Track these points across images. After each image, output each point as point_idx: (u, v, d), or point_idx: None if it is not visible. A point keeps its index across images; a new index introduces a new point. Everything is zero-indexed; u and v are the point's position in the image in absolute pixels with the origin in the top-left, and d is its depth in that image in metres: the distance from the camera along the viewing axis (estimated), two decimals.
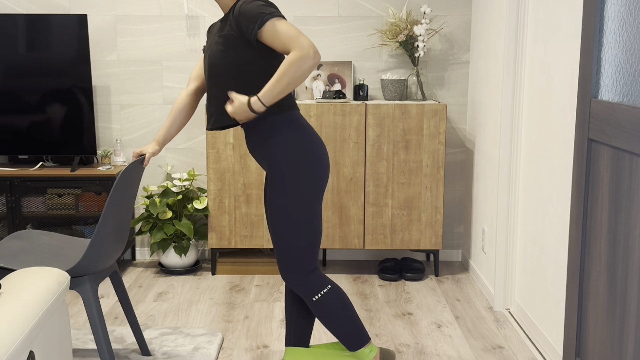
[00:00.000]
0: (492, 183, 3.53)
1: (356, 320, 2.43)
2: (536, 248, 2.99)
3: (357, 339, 2.44)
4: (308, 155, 2.31)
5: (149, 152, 2.51)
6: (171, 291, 3.66)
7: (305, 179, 2.31)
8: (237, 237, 3.86)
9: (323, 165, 2.35)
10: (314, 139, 2.35)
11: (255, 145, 2.34)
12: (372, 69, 4.07)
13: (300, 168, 2.30)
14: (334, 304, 2.39)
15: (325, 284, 2.39)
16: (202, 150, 4.16)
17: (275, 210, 2.32)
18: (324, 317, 2.41)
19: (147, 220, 3.89)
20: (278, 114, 2.30)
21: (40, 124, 3.88)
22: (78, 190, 3.86)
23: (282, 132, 2.29)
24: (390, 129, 3.76)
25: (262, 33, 2.18)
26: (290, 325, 2.59)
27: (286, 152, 2.29)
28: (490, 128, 3.56)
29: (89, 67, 3.83)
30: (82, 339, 2.96)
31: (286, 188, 2.30)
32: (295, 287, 2.39)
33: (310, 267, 2.38)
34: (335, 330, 2.42)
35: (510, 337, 3.07)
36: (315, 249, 2.38)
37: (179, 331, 3.06)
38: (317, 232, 2.36)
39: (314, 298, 2.38)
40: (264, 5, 2.19)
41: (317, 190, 2.34)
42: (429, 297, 3.59)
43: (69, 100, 3.86)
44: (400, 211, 3.83)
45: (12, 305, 1.68)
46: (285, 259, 2.35)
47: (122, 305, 2.70)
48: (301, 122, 2.35)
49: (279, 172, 2.30)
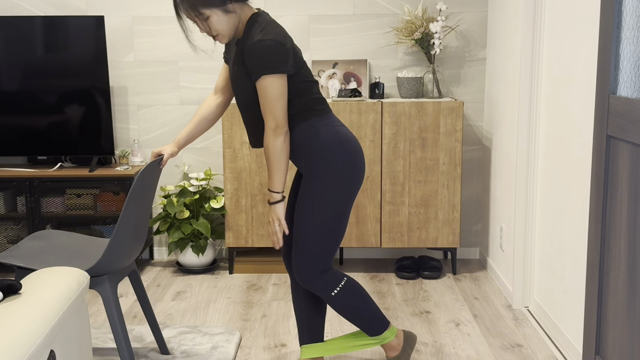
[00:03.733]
0: (510, 180, 3.51)
1: (374, 306, 2.47)
2: (555, 245, 2.97)
3: (379, 324, 2.47)
4: (347, 160, 2.34)
5: (167, 153, 2.53)
6: (189, 290, 3.68)
7: (342, 182, 2.34)
8: (254, 236, 3.87)
9: (359, 169, 2.37)
10: (353, 142, 2.37)
11: (295, 147, 2.36)
12: (388, 67, 4.06)
13: (339, 172, 2.33)
14: (352, 295, 2.42)
15: (341, 278, 2.41)
16: (218, 149, 4.17)
17: (307, 212, 2.34)
18: (345, 310, 2.43)
19: (165, 220, 3.92)
20: (313, 117, 2.33)
21: (59, 125, 3.92)
22: (96, 191, 3.89)
23: (322, 135, 2.33)
24: (406, 127, 3.75)
25: (256, 85, 2.26)
26: (302, 323, 2.60)
27: (327, 155, 2.32)
28: (508, 125, 3.54)
29: (107, 68, 3.86)
30: (101, 337, 2.99)
31: (323, 190, 2.33)
32: (313, 287, 2.40)
33: (327, 266, 2.39)
34: (357, 320, 2.45)
35: (529, 335, 3.05)
36: (335, 250, 2.40)
37: (197, 330, 3.07)
38: (342, 235, 2.39)
39: (332, 293, 2.39)
40: (267, 53, 2.20)
41: (351, 194, 2.37)
42: (447, 296, 3.57)
43: (87, 101, 3.90)
44: (417, 209, 3.82)
45: (32, 305, 1.70)
46: (305, 260, 2.36)
47: (141, 304, 2.72)
48: (339, 124, 2.39)
49: (317, 174, 2.32)
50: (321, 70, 4.01)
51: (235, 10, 2.25)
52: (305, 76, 2.35)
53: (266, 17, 2.29)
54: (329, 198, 2.33)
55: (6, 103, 3.90)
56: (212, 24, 2.24)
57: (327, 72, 4.01)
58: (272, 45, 2.20)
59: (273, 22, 2.29)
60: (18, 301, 1.71)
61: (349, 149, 2.35)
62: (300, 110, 2.33)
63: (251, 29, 2.27)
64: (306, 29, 4.04)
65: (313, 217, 2.34)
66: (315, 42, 4.05)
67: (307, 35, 4.04)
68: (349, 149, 2.35)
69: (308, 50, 4.06)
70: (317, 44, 4.06)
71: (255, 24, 2.27)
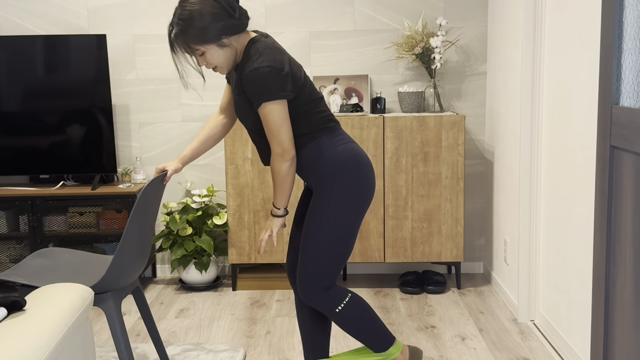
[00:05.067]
0: (513, 193, 3.50)
1: (379, 322, 2.44)
2: (559, 258, 2.96)
3: (384, 340, 2.45)
4: (357, 177, 2.34)
5: (171, 169, 2.52)
6: (192, 307, 3.66)
7: (351, 200, 2.33)
8: (257, 253, 3.86)
9: (369, 187, 2.37)
10: (363, 159, 2.37)
11: (303, 165, 2.36)
12: (389, 82, 4.07)
13: (348, 190, 2.32)
14: (357, 311, 2.40)
15: (345, 294, 2.39)
16: (220, 166, 4.17)
17: (315, 228, 2.33)
18: (349, 326, 2.40)
19: (168, 237, 3.91)
20: (322, 136, 2.34)
21: (61, 144, 3.92)
22: (99, 209, 3.88)
23: (331, 153, 2.32)
24: (408, 141, 3.75)
25: (258, 112, 2.27)
26: (307, 339, 2.58)
27: (336, 173, 2.32)
28: (510, 138, 3.54)
29: (109, 86, 3.87)
30: (104, 356, 2.97)
31: (332, 208, 2.32)
32: (317, 304, 2.38)
33: (332, 283, 2.38)
34: (362, 336, 2.42)
35: (535, 349, 3.03)
36: (341, 268, 2.39)
37: (201, 347, 3.05)
38: (349, 253, 2.38)
39: (336, 310, 2.38)
40: (265, 81, 2.20)
41: (361, 211, 2.36)
42: (452, 310, 3.55)
43: (89, 120, 3.90)
44: (420, 224, 3.81)
45: (37, 322, 1.69)
46: (310, 277, 2.35)
47: (145, 321, 2.70)
48: (348, 140, 2.39)
49: (327, 192, 2.32)
50: (322, 86, 4.03)
51: (230, 44, 2.24)
52: (309, 96, 2.34)
53: (263, 43, 2.27)
54: (338, 216, 2.32)
55: (8, 122, 3.91)
56: (208, 59, 2.26)
57: (328, 87, 4.02)
58: (268, 72, 2.20)
59: (271, 46, 2.27)
60: (22, 318, 1.70)
61: (359, 166, 2.34)
62: (308, 130, 2.33)
63: (248, 55, 2.26)
64: (307, 45, 4.06)
65: (321, 234, 2.33)
66: (316, 58, 4.07)
67: (308, 51, 4.06)
68: (359, 166, 2.34)
69: (309, 66, 4.08)
70: (318, 60, 4.07)
71: (251, 50, 2.26)
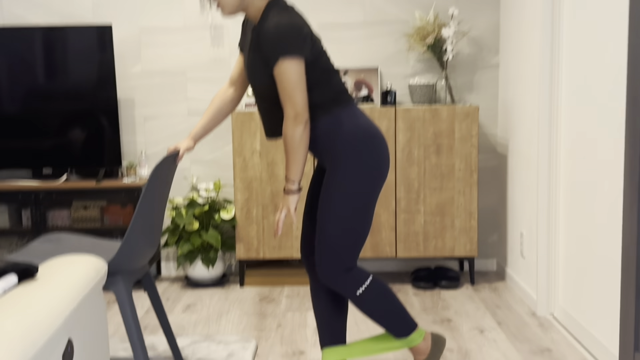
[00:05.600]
0: (531, 184, 3.42)
1: (401, 307, 2.33)
2: (582, 247, 2.87)
3: (406, 326, 2.33)
4: (373, 152, 2.25)
5: (184, 147, 2.44)
6: (199, 303, 3.55)
7: (367, 176, 2.24)
8: (265, 248, 3.76)
9: (385, 162, 2.28)
10: (378, 134, 2.28)
11: (317, 140, 2.27)
12: (399, 75, 4.01)
13: (364, 165, 2.23)
14: (379, 294, 2.29)
15: (367, 276, 2.29)
16: (227, 161, 4.08)
17: (331, 207, 2.23)
18: (370, 310, 2.30)
19: (174, 233, 3.80)
20: (336, 108, 2.25)
21: (64, 137, 3.83)
22: (103, 202, 3.78)
23: (346, 127, 2.23)
24: (420, 133, 3.67)
25: (274, 71, 2.17)
26: (323, 325, 2.47)
27: (352, 148, 2.22)
28: (526, 129, 3.46)
29: (114, 79, 3.79)
30: (113, 347, 2.85)
31: (346, 180, 2.22)
32: (337, 286, 2.28)
33: (352, 264, 2.28)
34: (383, 321, 2.32)
35: (557, 340, 2.93)
36: (360, 247, 2.29)
37: (211, 339, 2.94)
38: (367, 230, 2.28)
39: (357, 292, 2.28)
40: (284, 35, 2.12)
41: (377, 187, 2.27)
42: (467, 305, 3.45)
43: (93, 113, 3.82)
44: (432, 217, 3.72)
45: (49, 290, 1.59)
46: (329, 257, 2.25)
47: (155, 308, 2.59)
48: (363, 114, 2.30)
49: (341, 168, 2.23)
50: None
51: None
52: (325, 65, 2.27)
53: (283, 4, 2.23)
54: (354, 192, 2.23)
55: (10, 115, 3.82)
56: None
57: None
58: (289, 28, 2.12)
59: (291, 8, 2.22)
60: (34, 286, 1.60)
61: (374, 141, 2.26)
62: (322, 100, 2.25)
63: (268, 14, 2.20)
64: None
65: (338, 212, 2.23)
66: None
67: None
68: (374, 141, 2.26)
69: None
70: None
71: (272, 10, 2.20)
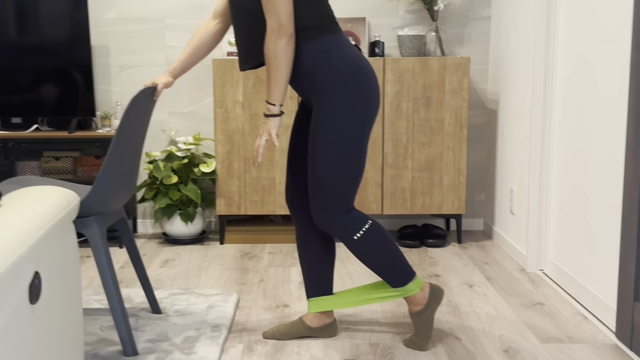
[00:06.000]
0: (523, 138, 3.31)
1: (399, 254, 2.21)
2: (577, 198, 2.77)
3: (404, 274, 2.21)
4: (364, 87, 2.09)
5: (162, 82, 2.27)
6: (178, 259, 3.41)
7: (359, 109, 2.09)
8: (247, 203, 3.62)
9: (376, 95, 2.13)
10: (368, 65, 2.13)
11: (302, 71, 2.11)
12: (388, 26, 3.85)
13: (355, 98, 2.08)
14: (377, 240, 2.17)
15: (365, 220, 2.16)
16: (207, 114, 3.91)
17: (320, 142, 2.09)
18: (367, 256, 2.17)
19: (151, 187, 3.64)
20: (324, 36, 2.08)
21: (35, 86, 3.63)
22: (77, 153, 3.60)
23: (336, 57, 2.07)
24: (410, 85, 3.54)
25: None
26: (310, 274, 2.34)
27: (342, 80, 2.07)
28: (519, 80, 3.34)
29: (87, 25, 3.58)
30: (86, 299, 2.70)
31: (336, 117, 2.07)
32: (333, 229, 2.15)
33: (349, 205, 2.15)
34: (379, 268, 2.20)
35: (549, 294, 2.84)
36: (356, 187, 2.15)
37: (191, 291, 2.80)
38: (362, 168, 2.14)
39: (355, 237, 2.15)
40: None
41: (369, 122, 2.12)
42: (455, 262, 3.35)
43: (65, 60, 3.61)
44: (420, 173, 3.61)
45: (14, 215, 1.44)
46: (324, 197, 2.12)
47: (131, 256, 2.45)
48: (351, 45, 2.14)
49: (331, 102, 2.07)
50: None
51: None
52: None
53: None
54: (346, 128, 2.09)
55: None
56: None
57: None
58: None
59: None
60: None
61: (365, 76, 2.11)
62: (309, 24, 2.07)
63: None
64: None
65: (330, 155, 2.09)
66: None
67: None
68: (365, 76, 2.11)
69: None
70: None
71: None
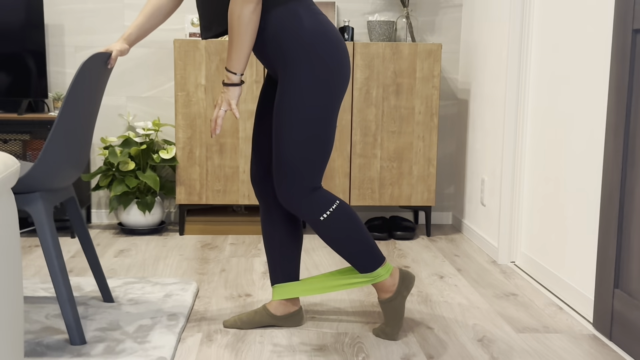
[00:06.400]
0: (495, 127, 3.22)
1: (368, 238, 2.07)
2: (551, 186, 2.68)
3: (372, 259, 2.07)
4: (333, 54, 1.95)
5: (116, 49, 2.10)
6: (134, 248, 3.22)
7: (328, 81, 1.95)
8: (208, 192, 3.45)
9: (346, 66, 1.99)
10: (338, 35, 1.99)
11: (269, 38, 1.97)
12: (358, 11, 3.73)
13: (324, 68, 1.94)
14: (345, 221, 2.02)
15: (333, 200, 2.02)
16: (168, 99, 3.74)
17: (287, 110, 1.94)
18: (334, 238, 2.03)
19: (106, 174, 3.45)
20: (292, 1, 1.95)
21: None
22: (26, 136, 3.39)
23: (305, 24, 1.93)
24: (380, 71, 3.42)
25: None
26: (275, 260, 2.20)
27: (311, 49, 1.93)
28: (492, 68, 3.25)
29: (41, 2, 3.38)
30: (31, 287, 2.50)
31: (304, 83, 1.93)
32: (300, 210, 2.01)
33: (316, 183, 2.01)
34: (346, 252, 2.05)
35: (521, 286, 2.74)
36: (324, 165, 2.01)
37: (147, 280, 2.63)
38: (330, 143, 2.00)
39: (321, 217, 2.01)
40: None
41: (338, 95, 1.98)
42: (425, 254, 3.24)
43: (16, 39, 3.40)
44: (389, 163, 3.49)
45: None
46: (291, 177, 1.97)
47: (80, 239, 2.26)
48: (321, 13, 2.00)
49: (298, 73, 1.93)
50: None
51: None
52: None
53: None
54: (315, 95, 1.94)
55: None
56: None
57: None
58: None
59: None
60: None
61: (334, 41, 1.98)
62: None
63: None
64: None
65: (296, 125, 1.95)
66: None
67: None
68: (334, 41, 1.98)
69: None
70: None
71: None
